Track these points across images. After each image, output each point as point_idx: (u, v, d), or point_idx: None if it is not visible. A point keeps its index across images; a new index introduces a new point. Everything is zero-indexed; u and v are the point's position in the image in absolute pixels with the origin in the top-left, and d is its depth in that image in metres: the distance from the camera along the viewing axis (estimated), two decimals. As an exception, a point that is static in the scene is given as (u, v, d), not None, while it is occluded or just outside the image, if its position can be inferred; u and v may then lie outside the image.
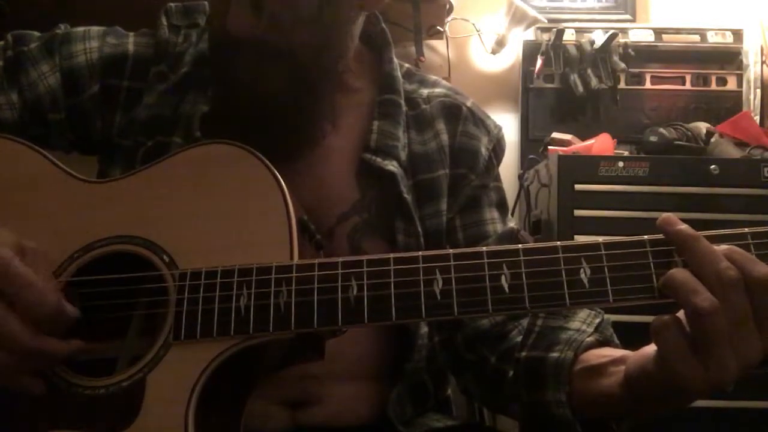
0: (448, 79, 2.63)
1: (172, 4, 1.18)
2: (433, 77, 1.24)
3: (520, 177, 2.55)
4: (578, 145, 2.52)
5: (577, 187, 2.14)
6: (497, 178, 1.21)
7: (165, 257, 0.87)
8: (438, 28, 2.75)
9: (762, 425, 1.99)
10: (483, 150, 1.16)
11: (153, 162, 0.95)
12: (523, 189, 2.50)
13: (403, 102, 1.14)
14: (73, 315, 0.82)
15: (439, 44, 2.89)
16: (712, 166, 2.13)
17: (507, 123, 2.80)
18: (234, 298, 0.82)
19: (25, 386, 0.81)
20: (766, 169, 2.13)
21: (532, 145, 2.76)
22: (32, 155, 0.97)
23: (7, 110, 1.08)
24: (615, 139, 2.58)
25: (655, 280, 0.77)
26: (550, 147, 2.54)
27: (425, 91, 1.19)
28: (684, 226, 0.77)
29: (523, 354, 1.01)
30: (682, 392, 0.76)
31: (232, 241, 0.86)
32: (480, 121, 1.19)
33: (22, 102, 1.09)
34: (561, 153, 2.30)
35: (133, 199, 0.92)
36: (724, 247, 0.75)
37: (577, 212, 2.12)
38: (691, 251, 0.75)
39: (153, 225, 0.89)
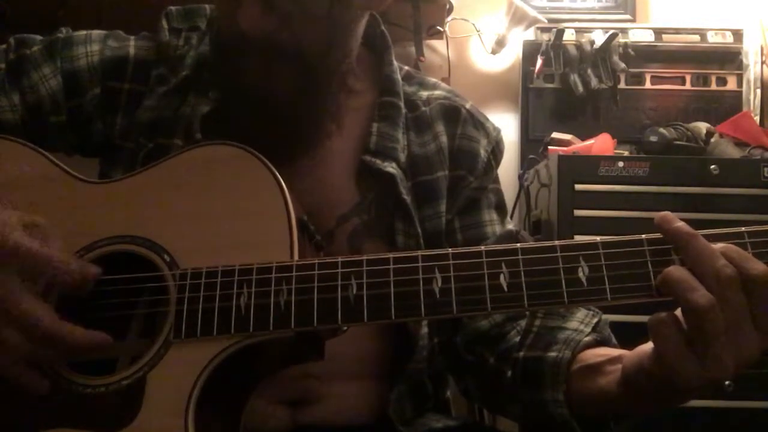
0: (447, 79, 2.64)
1: (172, 8, 1.18)
2: (433, 80, 1.24)
3: (520, 177, 2.56)
4: (578, 145, 2.52)
5: (577, 187, 2.14)
6: (496, 180, 1.21)
7: (166, 257, 0.87)
8: (438, 28, 2.75)
9: (762, 425, 1.99)
10: (482, 152, 1.17)
11: (155, 162, 0.95)
12: (523, 189, 2.50)
13: (402, 104, 1.14)
14: (96, 274, 0.83)
15: (439, 44, 2.89)
16: (712, 166, 2.13)
17: (507, 123, 2.81)
18: (234, 296, 0.82)
19: (30, 383, 0.81)
20: (766, 169, 2.13)
21: (532, 145, 2.75)
22: (34, 156, 0.98)
23: (9, 112, 1.08)
24: (615, 139, 2.58)
25: (652, 278, 0.77)
26: (550, 147, 2.54)
27: (425, 94, 1.19)
28: (681, 224, 0.78)
29: (521, 354, 1.02)
30: (679, 389, 0.77)
31: (232, 241, 0.87)
32: (479, 124, 1.19)
33: (24, 104, 1.09)
34: (561, 153, 2.30)
35: (135, 200, 0.93)
36: (721, 245, 0.76)
37: (577, 212, 2.12)
38: (688, 249, 0.76)
39: (154, 225, 0.90)
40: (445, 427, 1.10)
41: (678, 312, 0.76)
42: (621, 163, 2.13)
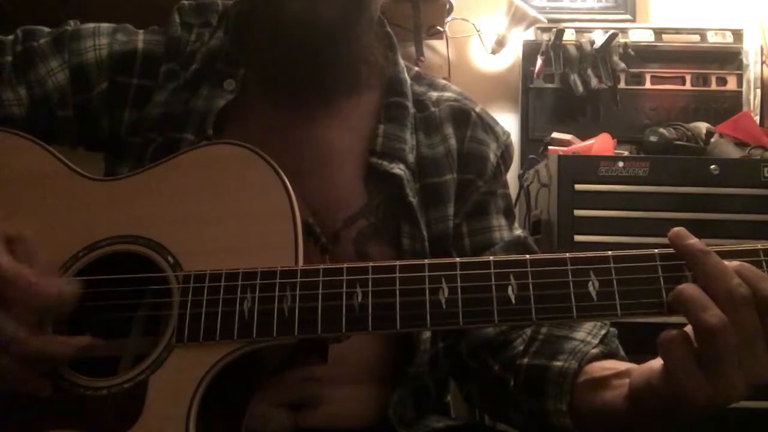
0: (448, 79, 2.63)
1: (185, 2, 1.18)
2: (443, 81, 1.24)
3: (520, 177, 2.55)
4: (578, 145, 2.52)
5: (577, 187, 2.13)
6: (505, 185, 1.20)
7: (170, 258, 0.87)
8: (438, 28, 2.75)
9: (762, 425, 1.99)
10: (491, 156, 1.16)
11: (159, 161, 0.95)
12: (523, 189, 2.50)
13: (410, 104, 1.14)
14: (73, 293, 0.81)
15: (439, 44, 2.89)
16: (712, 166, 2.13)
17: (507, 123, 2.77)
18: (238, 301, 0.82)
19: (33, 389, 0.81)
20: (766, 169, 2.12)
21: (532, 145, 2.76)
22: (39, 152, 0.97)
23: (15, 106, 1.08)
24: (615, 139, 2.58)
25: (664, 295, 0.76)
26: (550, 147, 2.54)
27: (434, 95, 1.19)
28: (694, 241, 0.77)
29: (525, 361, 1.01)
30: (687, 408, 0.76)
31: (236, 243, 0.86)
32: (489, 127, 1.18)
33: (30, 98, 1.09)
34: (561, 153, 2.30)
35: (138, 199, 0.92)
36: (735, 263, 0.75)
37: (577, 212, 2.11)
38: (702, 267, 0.75)
39: (158, 225, 0.89)
40: (446, 427, 1.10)
41: (689, 329, 0.75)
42: (621, 163, 2.13)
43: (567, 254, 0.79)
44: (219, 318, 0.81)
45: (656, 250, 0.78)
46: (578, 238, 2.09)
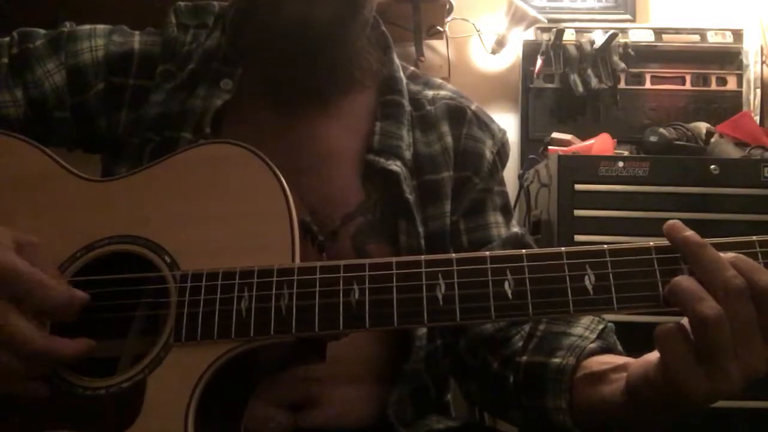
0: (447, 79, 2.64)
1: (181, 3, 1.18)
2: (439, 80, 1.25)
3: (520, 177, 2.56)
4: (578, 145, 2.52)
5: (577, 187, 2.13)
6: (501, 182, 1.21)
7: (167, 258, 0.87)
8: (438, 28, 2.76)
9: (762, 425, 1.99)
10: (487, 153, 1.16)
11: (156, 161, 0.95)
12: (523, 189, 2.50)
13: (406, 102, 1.14)
14: (84, 300, 0.82)
15: (439, 44, 2.89)
16: (712, 166, 2.13)
17: (507, 123, 2.80)
18: (235, 300, 0.82)
19: (30, 391, 0.81)
20: (766, 169, 2.12)
21: (532, 145, 2.76)
22: (35, 153, 0.97)
23: (12, 107, 1.08)
24: (615, 139, 2.58)
25: (660, 288, 0.76)
26: (550, 147, 2.54)
27: (430, 93, 1.19)
28: (690, 233, 0.77)
29: (524, 358, 1.01)
30: (684, 401, 0.76)
31: (234, 242, 0.86)
32: (484, 125, 1.19)
33: (27, 99, 1.09)
34: (561, 153, 2.30)
35: (136, 199, 0.92)
36: (730, 255, 0.75)
37: (577, 212, 2.11)
38: (697, 259, 0.75)
39: (155, 225, 0.89)
40: (446, 428, 1.10)
41: (686, 322, 0.75)
42: (621, 163, 2.13)
43: (563, 249, 0.79)
44: (216, 317, 0.81)
45: (652, 243, 0.78)
46: (578, 238, 2.09)
